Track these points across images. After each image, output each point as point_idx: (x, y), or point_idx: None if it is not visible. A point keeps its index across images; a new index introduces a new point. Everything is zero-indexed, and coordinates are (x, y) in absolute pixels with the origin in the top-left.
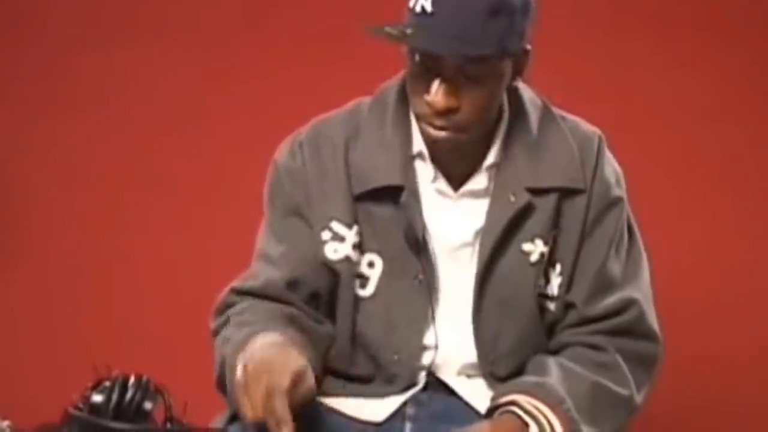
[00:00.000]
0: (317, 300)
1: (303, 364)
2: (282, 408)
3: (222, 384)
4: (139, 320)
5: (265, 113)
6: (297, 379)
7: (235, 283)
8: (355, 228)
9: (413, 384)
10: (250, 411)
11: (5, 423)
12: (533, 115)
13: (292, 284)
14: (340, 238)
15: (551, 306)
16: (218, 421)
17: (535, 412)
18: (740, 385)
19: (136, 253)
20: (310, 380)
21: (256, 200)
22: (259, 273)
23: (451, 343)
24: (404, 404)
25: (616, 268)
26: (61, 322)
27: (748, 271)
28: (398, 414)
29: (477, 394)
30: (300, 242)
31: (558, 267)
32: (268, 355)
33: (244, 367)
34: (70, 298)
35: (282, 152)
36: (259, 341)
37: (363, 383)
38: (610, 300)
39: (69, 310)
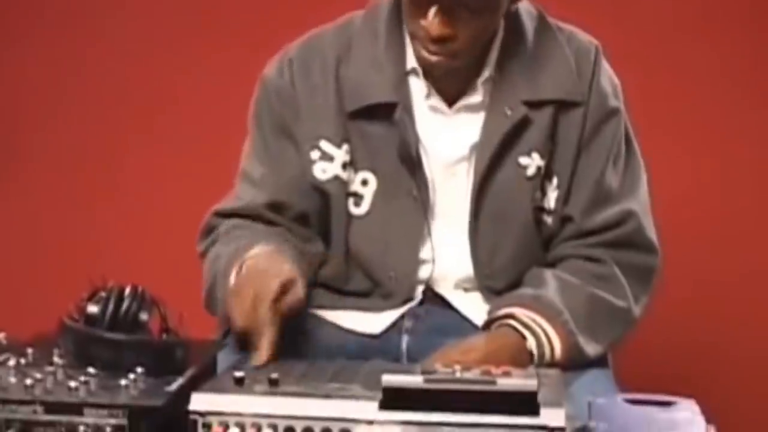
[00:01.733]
0: (305, 221)
1: (293, 274)
2: (264, 315)
3: (212, 303)
4: (134, 232)
5: (260, 28)
6: (285, 288)
7: (218, 206)
8: (346, 146)
9: (410, 298)
10: (238, 319)
11: (1, 334)
12: (529, 27)
13: (275, 207)
14: (329, 158)
15: (548, 219)
16: (218, 334)
17: (532, 324)
18: (737, 314)
19: (133, 165)
20: (300, 291)
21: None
22: (242, 195)
23: (447, 258)
24: (401, 317)
25: (613, 180)
26: (56, 233)
27: (749, 190)
28: (395, 327)
29: (473, 307)
30: (285, 163)
31: (555, 180)
32: (260, 263)
33: (236, 274)
34: (65, 210)
35: (270, 69)
36: (253, 251)
37: (359, 298)
38: (608, 212)
39: (64, 222)
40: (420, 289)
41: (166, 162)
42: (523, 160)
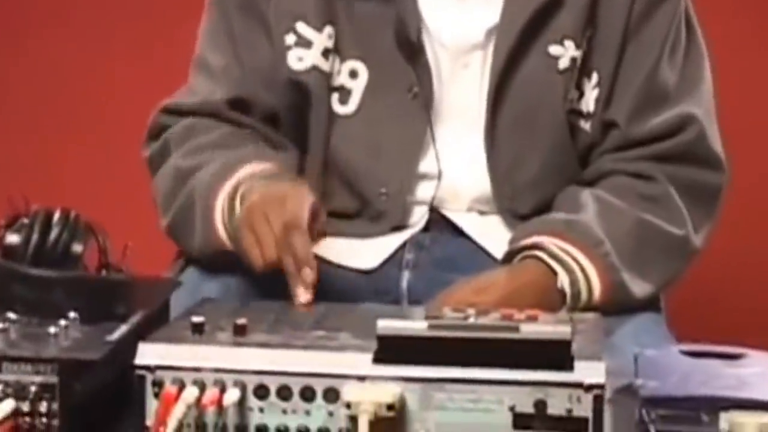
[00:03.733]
0: (275, 121)
1: (314, 197)
2: (303, 246)
3: (182, 231)
4: (64, 143)
5: None
6: (314, 214)
7: (169, 100)
8: (328, 30)
9: (404, 224)
10: (259, 255)
11: None
12: None
13: (238, 104)
14: (307, 43)
15: (586, 125)
16: (173, 270)
17: (565, 256)
18: None
19: (64, 72)
20: (324, 216)
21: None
22: (197, 88)
23: (457, 172)
24: (402, 247)
25: (669, 76)
26: None
27: None
28: (394, 260)
29: (492, 235)
30: (252, 49)
31: (594, 76)
32: (271, 187)
33: (242, 200)
34: None
35: None
36: (247, 170)
37: (341, 220)
38: (662, 117)
39: None
40: (421, 211)
41: (105, 68)
42: (554, 50)
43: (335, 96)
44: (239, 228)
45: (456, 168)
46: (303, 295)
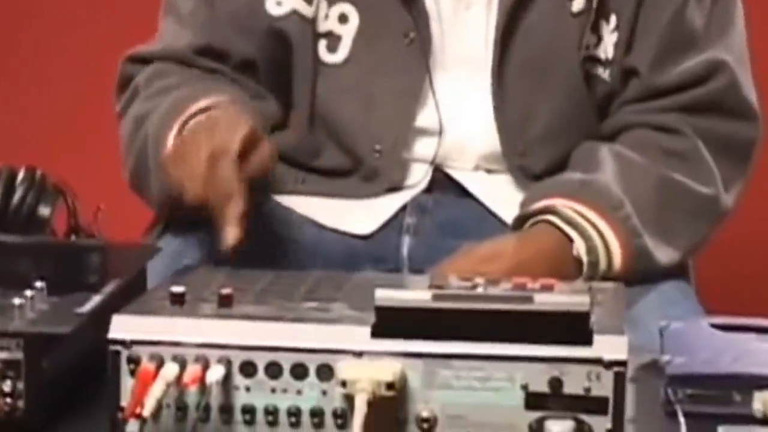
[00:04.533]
0: (251, 72)
1: (257, 126)
2: (228, 175)
3: (140, 179)
4: (29, 97)
5: None
6: (249, 143)
7: (132, 50)
8: None
9: (404, 184)
10: (189, 188)
11: None
12: None
13: (207, 51)
14: None
15: (604, 74)
16: (150, 235)
17: (581, 221)
18: None
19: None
20: (267, 149)
21: None
22: (166, 35)
23: (461, 126)
24: (402, 210)
25: (697, 18)
26: None
27: None
28: (393, 224)
29: (501, 196)
30: None
31: (613, 19)
32: (211, 116)
33: (179, 131)
34: None
35: None
36: (200, 104)
37: (332, 179)
38: (689, 63)
39: None
40: (422, 170)
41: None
42: None
43: (323, 43)
44: (166, 160)
45: (459, 122)
46: (229, 234)
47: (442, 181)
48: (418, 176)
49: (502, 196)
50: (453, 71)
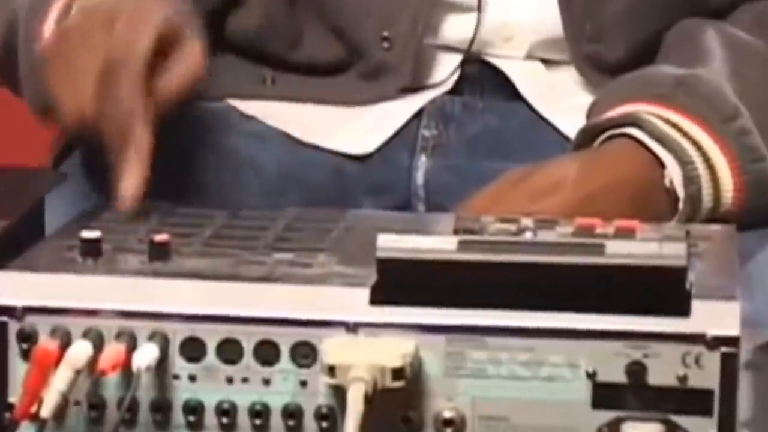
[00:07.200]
0: None
1: (177, 13)
2: (130, 98)
3: (7, 70)
4: None
5: None
6: (166, 44)
7: None
8: None
9: (422, 83)
10: (70, 108)
11: None
12: None
13: None
14: None
15: None
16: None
17: (677, 136)
18: None
19: None
20: (193, 52)
21: None
22: None
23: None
24: (416, 119)
25: None
26: None
27: None
28: (403, 139)
29: (561, 98)
30: None
31: None
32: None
33: (60, 17)
34: None
35: None
36: None
37: (319, 77)
38: None
39: None
40: (450, 63)
41: None
42: None
43: None
44: (40, 62)
45: None
46: (127, 183)
47: (475, 77)
48: (444, 71)
49: (563, 97)
50: None
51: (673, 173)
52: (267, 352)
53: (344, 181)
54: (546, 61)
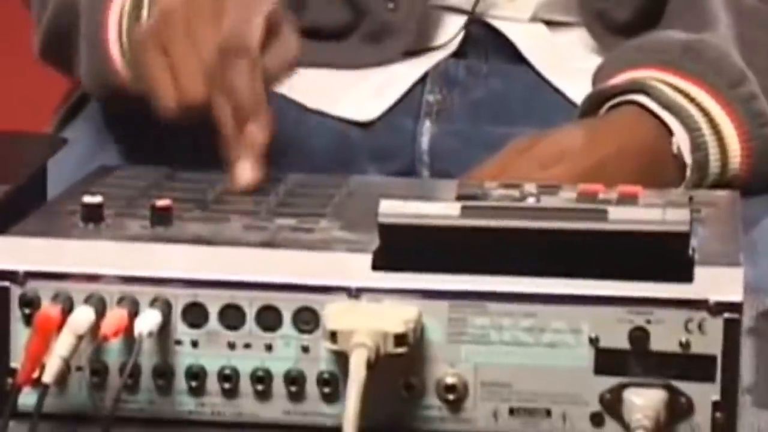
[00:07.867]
0: None
1: (275, 4)
2: (250, 84)
3: (56, 50)
4: None
5: None
6: (275, 32)
7: None
8: None
9: (425, 45)
10: (172, 91)
11: None
12: None
13: None
14: None
15: None
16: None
17: (684, 102)
18: None
19: None
20: (290, 39)
21: None
22: None
23: None
24: (420, 83)
25: None
26: None
27: None
28: (408, 103)
29: (568, 61)
30: None
31: None
32: None
33: (163, 6)
34: None
35: None
36: None
37: (322, 41)
38: None
39: None
40: (454, 25)
41: None
42: None
43: None
44: (142, 47)
45: None
46: (246, 171)
47: (481, 41)
48: (448, 33)
49: (570, 61)
50: None
51: (681, 140)
52: (269, 318)
53: (348, 146)
54: (550, 24)
